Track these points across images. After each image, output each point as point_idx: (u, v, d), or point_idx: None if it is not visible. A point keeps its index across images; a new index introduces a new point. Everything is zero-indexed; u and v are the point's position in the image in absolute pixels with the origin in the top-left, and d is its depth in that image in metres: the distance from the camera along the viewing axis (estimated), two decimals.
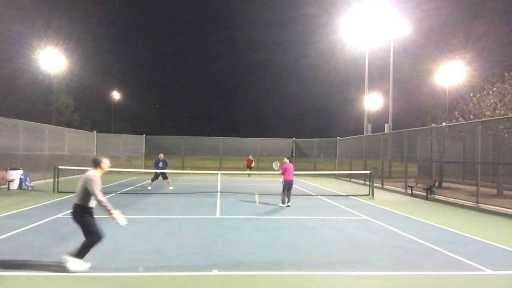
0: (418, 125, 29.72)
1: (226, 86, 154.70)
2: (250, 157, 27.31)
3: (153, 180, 16.26)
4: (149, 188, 16.05)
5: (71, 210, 5.30)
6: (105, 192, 14.84)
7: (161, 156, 16.22)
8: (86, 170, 5.49)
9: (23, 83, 41.71)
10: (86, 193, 5.18)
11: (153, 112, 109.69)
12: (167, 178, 16.41)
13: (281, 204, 11.71)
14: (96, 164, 5.41)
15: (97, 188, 5.14)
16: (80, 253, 5.17)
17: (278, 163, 13.26)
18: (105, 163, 5.48)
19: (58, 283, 4.81)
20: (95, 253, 6.10)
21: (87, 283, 4.82)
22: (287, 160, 11.96)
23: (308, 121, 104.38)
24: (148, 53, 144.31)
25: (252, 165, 27.33)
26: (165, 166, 16.14)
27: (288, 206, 11.67)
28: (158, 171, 16.01)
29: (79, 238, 7.09)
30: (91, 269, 5.27)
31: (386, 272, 5.53)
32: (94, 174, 5.28)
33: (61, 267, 5.29)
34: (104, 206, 5.09)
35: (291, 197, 12.04)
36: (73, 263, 5.14)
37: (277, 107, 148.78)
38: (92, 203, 5.27)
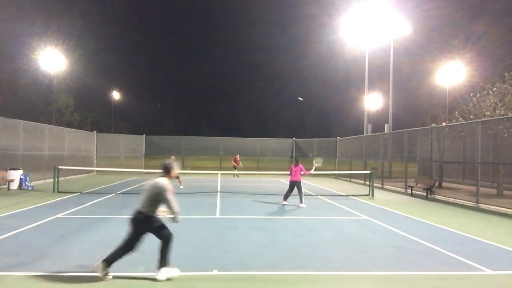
0: (418, 125, 29.76)
1: (226, 86, 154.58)
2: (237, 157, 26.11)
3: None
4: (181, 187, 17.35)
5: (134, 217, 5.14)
6: (105, 192, 14.85)
7: (173, 158, 16.96)
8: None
9: (23, 83, 41.78)
10: (155, 202, 5.08)
11: (153, 112, 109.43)
12: (178, 178, 17.59)
13: (283, 202, 11.90)
14: (166, 171, 5.20)
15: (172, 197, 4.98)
16: (164, 260, 5.04)
17: (320, 160, 14.19)
18: (175, 169, 5.24)
19: (58, 283, 4.81)
20: (95, 254, 6.10)
21: (87, 283, 4.82)
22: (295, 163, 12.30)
23: (308, 121, 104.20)
24: (148, 53, 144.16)
25: (239, 164, 26.04)
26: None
27: (301, 206, 11.61)
28: None
29: (79, 238, 7.11)
30: (91, 269, 5.26)
31: (386, 272, 5.53)
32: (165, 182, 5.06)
33: (61, 267, 5.29)
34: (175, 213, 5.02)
35: (304, 197, 11.94)
36: (163, 273, 4.99)
37: (277, 107, 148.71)
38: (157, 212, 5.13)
